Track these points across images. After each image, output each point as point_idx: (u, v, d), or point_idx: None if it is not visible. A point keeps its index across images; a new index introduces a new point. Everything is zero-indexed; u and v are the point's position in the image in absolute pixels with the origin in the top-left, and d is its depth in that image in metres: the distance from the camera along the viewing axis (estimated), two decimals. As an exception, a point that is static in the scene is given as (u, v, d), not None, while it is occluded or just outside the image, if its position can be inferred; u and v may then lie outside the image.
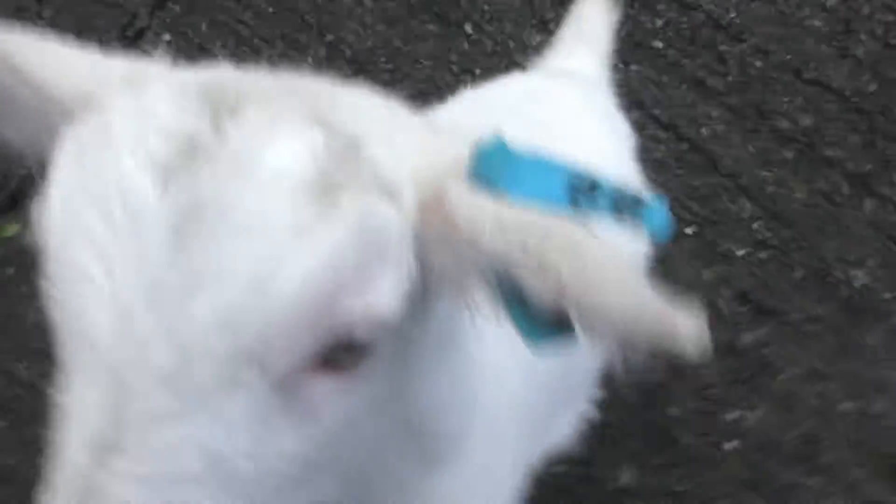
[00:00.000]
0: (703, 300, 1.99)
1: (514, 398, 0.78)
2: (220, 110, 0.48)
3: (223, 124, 0.47)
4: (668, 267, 1.76)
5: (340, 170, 0.48)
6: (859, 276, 2.01)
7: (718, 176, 2.13)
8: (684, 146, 2.16)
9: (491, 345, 0.65)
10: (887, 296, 1.99)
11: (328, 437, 0.52)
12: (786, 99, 2.19)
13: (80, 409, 0.47)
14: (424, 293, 0.54)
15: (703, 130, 2.17)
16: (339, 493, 0.58)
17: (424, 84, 2.21)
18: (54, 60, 0.56)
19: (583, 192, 0.50)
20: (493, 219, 0.48)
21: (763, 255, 2.04)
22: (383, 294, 0.49)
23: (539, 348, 0.50)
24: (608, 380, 1.53)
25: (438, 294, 0.55)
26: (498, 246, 0.47)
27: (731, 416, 1.93)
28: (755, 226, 2.07)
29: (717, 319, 1.99)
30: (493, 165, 0.49)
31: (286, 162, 0.47)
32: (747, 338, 1.98)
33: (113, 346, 0.46)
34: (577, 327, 0.48)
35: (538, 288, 0.47)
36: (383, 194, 0.49)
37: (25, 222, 1.98)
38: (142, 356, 0.46)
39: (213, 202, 0.46)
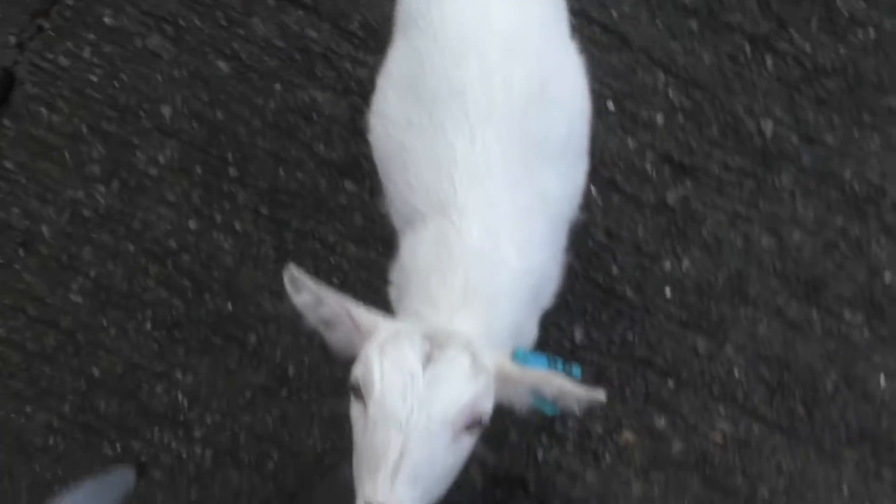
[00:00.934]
0: (631, 166, 2.16)
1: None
2: (434, 346, 1.17)
3: (439, 351, 1.17)
4: (596, 142, 1.89)
5: (477, 366, 1.18)
6: (768, 126, 2.19)
7: (631, 52, 2.27)
8: (597, 29, 2.30)
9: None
10: (794, 140, 2.17)
11: (463, 455, 1.20)
12: (685, -26, 2.33)
13: (384, 441, 1.11)
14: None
15: (613, 13, 2.31)
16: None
17: None
18: (357, 311, 1.25)
19: (553, 364, 1.28)
20: (525, 375, 1.23)
21: (680, 118, 2.21)
22: (488, 403, 1.20)
23: (550, 412, 1.24)
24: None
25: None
26: (529, 382, 1.22)
27: (666, 266, 2.12)
28: (670, 93, 2.23)
29: (644, 181, 2.16)
30: (521, 358, 1.29)
31: (463, 364, 1.17)
32: (673, 195, 2.15)
33: (404, 419, 1.11)
34: (559, 405, 1.22)
35: (546, 394, 1.21)
36: (489, 372, 1.20)
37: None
38: (416, 430, 1.11)
39: (440, 375, 1.15)
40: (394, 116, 1.50)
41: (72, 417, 2.12)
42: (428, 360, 1.16)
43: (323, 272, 2.16)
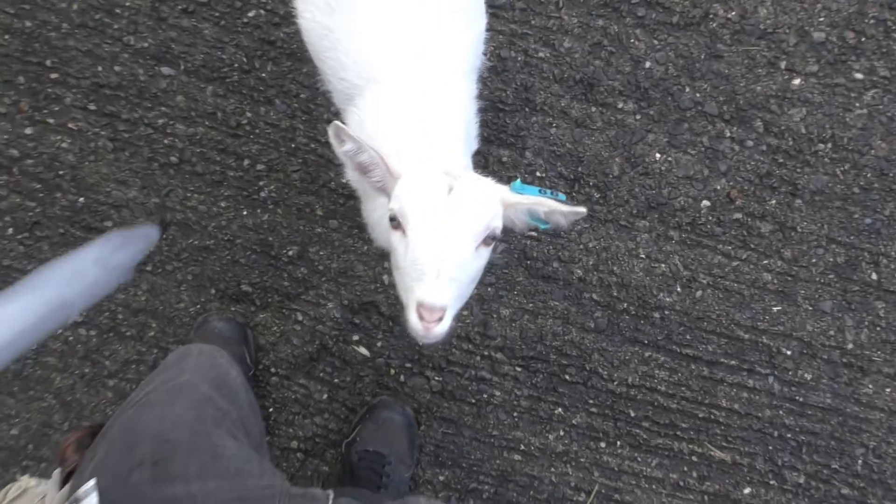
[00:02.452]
0: None
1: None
2: (452, 179, 1.40)
3: (457, 183, 1.40)
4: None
5: (494, 196, 1.43)
6: (534, -52, 2.39)
7: None
8: None
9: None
10: (559, -43, 2.39)
11: (483, 263, 1.45)
12: None
13: (424, 254, 1.35)
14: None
15: None
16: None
17: None
18: (390, 157, 1.47)
19: (543, 193, 1.48)
20: (522, 200, 1.46)
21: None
22: (499, 221, 1.44)
23: (543, 227, 1.48)
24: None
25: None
26: (526, 205, 1.45)
27: (462, 90, 2.35)
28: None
29: None
30: (518, 188, 1.49)
31: (477, 191, 1.41)
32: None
33: (437, 240, 1.36)
34: (549, 221, 1.48)
35: (540, 213, 1.46)
36: (495, 197, 1.44)
37: None
38: (449, 241, 1.36)
39: (461, 200, 1.38)
40: (316, 1, 1.74)
41: (-41, 325, 2.33)
42: (449, 190, 1.40)
43: (160, 153, 2.36)
